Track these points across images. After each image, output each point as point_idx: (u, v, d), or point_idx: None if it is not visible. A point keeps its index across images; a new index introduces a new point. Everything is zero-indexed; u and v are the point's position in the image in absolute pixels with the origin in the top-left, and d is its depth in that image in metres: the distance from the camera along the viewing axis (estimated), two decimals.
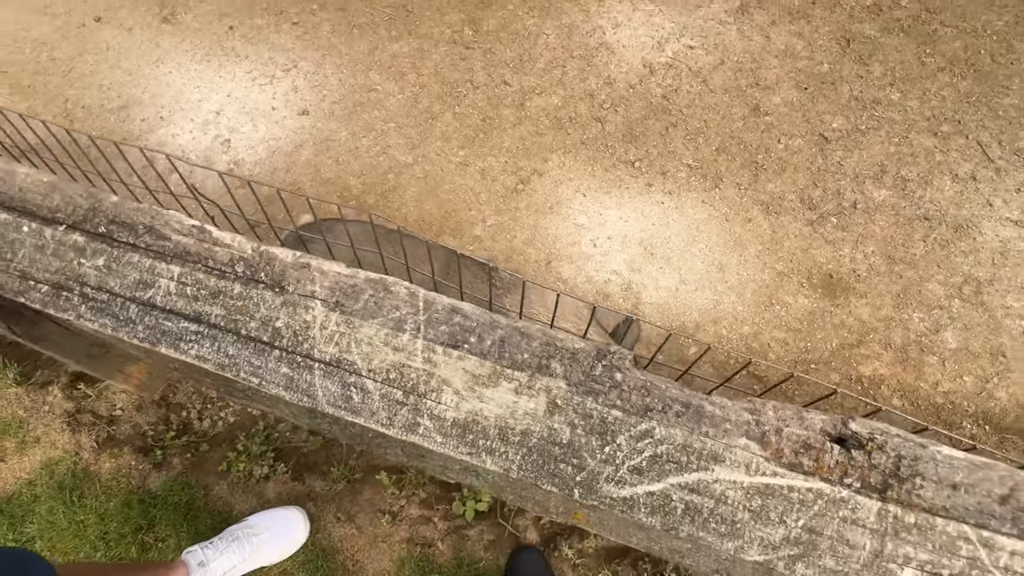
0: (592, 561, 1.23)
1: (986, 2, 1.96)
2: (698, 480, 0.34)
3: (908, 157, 1.72)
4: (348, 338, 0.37)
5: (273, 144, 1.88)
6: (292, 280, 0.39)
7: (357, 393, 0.37)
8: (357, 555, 1.21)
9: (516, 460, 0.35)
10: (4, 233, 0.44)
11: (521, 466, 0.35)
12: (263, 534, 1.16)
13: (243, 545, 1.13)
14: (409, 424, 0.37)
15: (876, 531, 0.32)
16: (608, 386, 0.35)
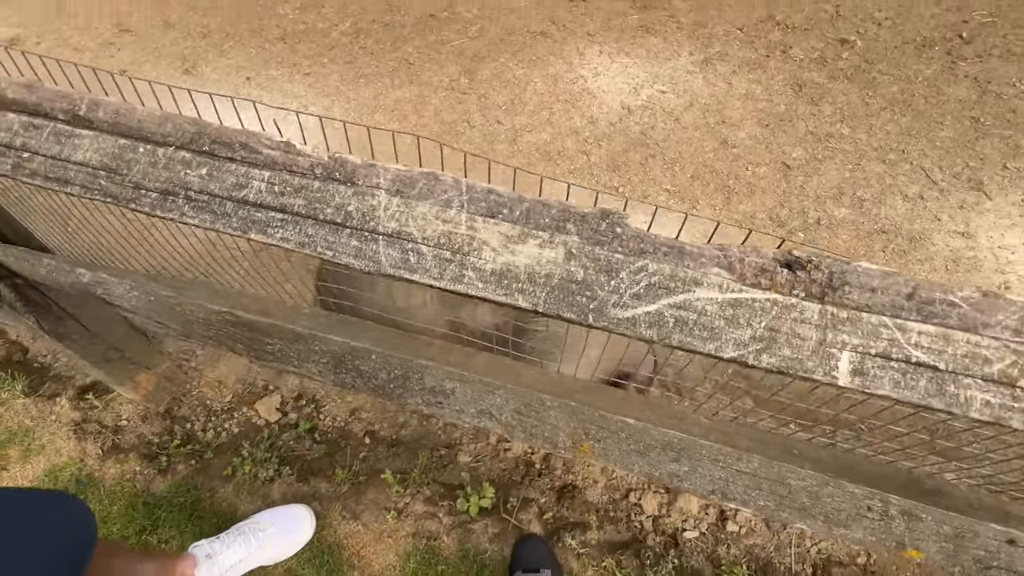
0: (595, 551, 1.25)
1: (916, 54, 2.25)
2: (683, 299, 0.44)
3: (862, 181, 1.91)
4: (406, 215, 0.47)
5: None
6: (361, 176, 0.49)
7: (413, 256, 0.47)
8: (363, 550, 1.21)
9: (542, 296, 0.44)
10: (122, 155, 0.54)
11: (547, 300, 0.44)
12: (269, 530, 1.17)
13: (249, 540, 1.13)
14: (456, 276, 0.46)
15: (819, 326, 0.41)
16: (611, 237, 0.45)
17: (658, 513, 1.35)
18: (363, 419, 1.54)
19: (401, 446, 1.47)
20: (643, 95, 2.17)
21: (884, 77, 2.19)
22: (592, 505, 1.36)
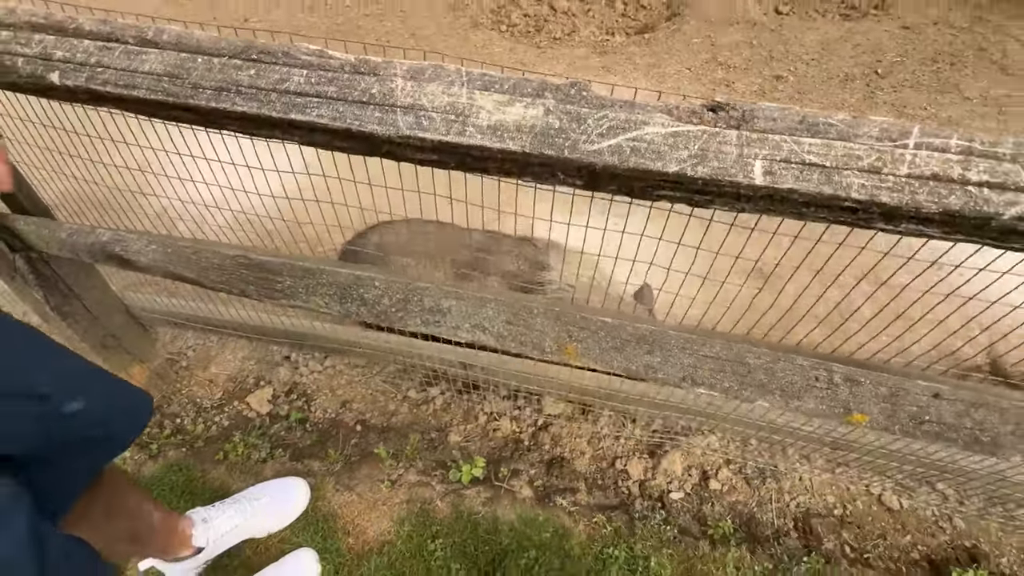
0: (586, 509, 1.28)
1: (840, 86, 2.59)
2: (636, 134, 0.56)
3: None
4: (419, 92, 0.60)
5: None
6: (381, 69, 0.62)
7: (425, 119, 0.59)
8: (357, 519, 1.22)
9: (528, 140, 0.56)
10: (183, 64, 0.66)
11: (531, 143, 0.56)
12: (263, 499, 1.18)
13: (244, 508, 1.14)
14: (459, 132, 0.58)
15: (737, 144, 0.54)
16: (579, 99, 0.58)
17: (644, 477, 1.40)
18: (354, 410, 1.57)
19: (392, 431, 1.51)
20: None
21: (814, 104, 2.50)
22: (580, 474, 1.40)
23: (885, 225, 0.54)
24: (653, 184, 0.56)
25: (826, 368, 0.78)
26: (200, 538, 1.06)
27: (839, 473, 1.43)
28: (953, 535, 1.35)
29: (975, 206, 0.48)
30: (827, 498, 1.39)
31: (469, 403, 1.56)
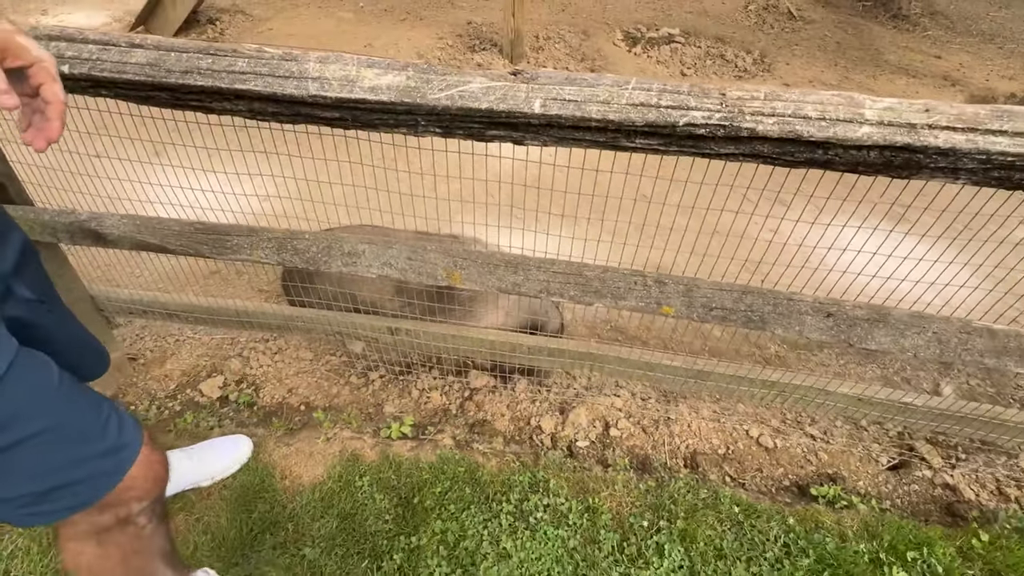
0: (499, 452, 1.46)
1: None
2: (464, 89, 0.85)
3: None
4: (323, 70, 0.89)
5: None
6: (300, 57, 0.92)
7: (327, 85, 0.87)
8: (294, 467, 1.36)
9: (393, 95, 0.85)
10: (160, 57, 0.93)
11: (396, 95, 0.85)
12: (209, 450, 1.32)
13: (191, 454, 1.28)
14: (349, 91, 0.86)
15: (525, 91, 0.84)
16: (429, 70, 0.88)
17: (555, 431, 1.60)
18: (299, 394, 1.74)
19: (333, 408, 1.67)
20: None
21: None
22: (500, 431, 1.59)
23: (627, 141, 0.84)
24: (477, 120, 0.85)
25: (641, 276, 1.05)
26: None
27: (723, 421, 1.66)
28: (819, 466, 1.58)
29: (663, 119, 0.78)
30: (712, 440, 1.61)
31: (404, 383, 1.75)
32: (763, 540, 1.24)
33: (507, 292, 1.09)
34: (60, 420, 0.69)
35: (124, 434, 0.76)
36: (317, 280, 1.52)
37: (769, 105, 0.78)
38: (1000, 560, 1.21)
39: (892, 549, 1.22)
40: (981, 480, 1.53)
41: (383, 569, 1.15)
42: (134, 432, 0.78)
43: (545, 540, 1.21)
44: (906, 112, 0.76)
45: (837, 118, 0.76)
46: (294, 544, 1.20)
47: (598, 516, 1.26)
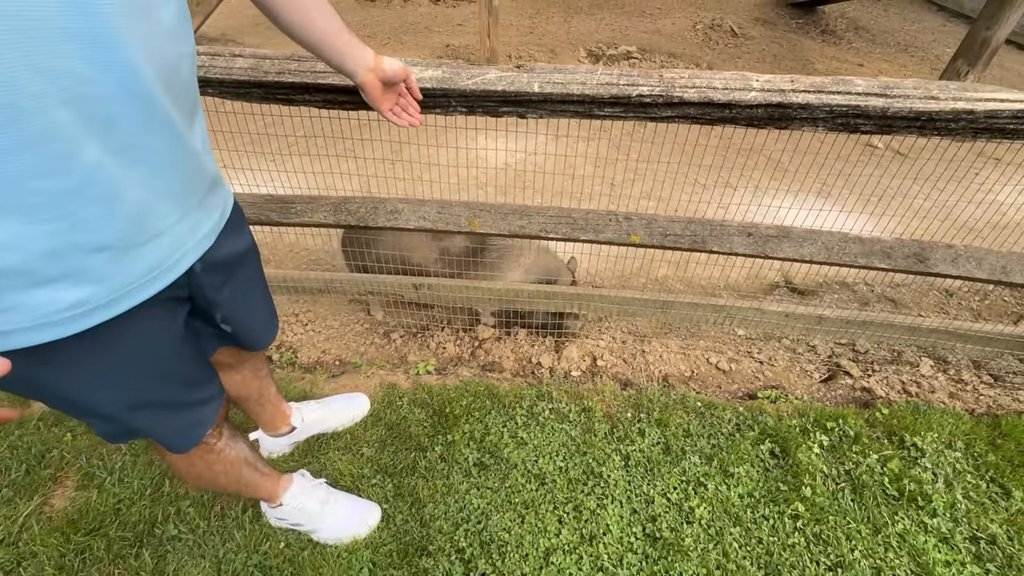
0: (510, 380, 1.79)
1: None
2: (483, 78, 1.22)
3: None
4: None
5: None
6: None
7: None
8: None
9: (435, 83, 1.21)
10: (259, 64, 1.27)
11: (437, 82, 1.21)
12: (339, 402, 1.56)
13: (325, 405, 1.52)
14: None
15: (527, 79, 1.21)
16: (459, 67, 1.25)
17: (552, 365, 1.94)
18: (332, 354, 2.03)
19: (365, 361, 1.97)
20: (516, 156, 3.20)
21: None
22: (507, 368, 1.92)
23: (599, 111, 1.21)
24: (493, 100, 1.21)
25: (615, 214, 1.42)
26: (295, 419, 1.45)
27: (688, 353, 2.03)
28: (765, 381, 1.96)
29: (622, 92, 1.16)
30: (680, 366, 1.97)
31: (422, 339, 2.07)
32: (720, 423, 1.60)
33: (515, 234, 1.45)
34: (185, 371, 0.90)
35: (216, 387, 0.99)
36: (374, 247, 1.84)
37: (692, 81, 1.16)
38: (896, 424, 1.60)
39: (816, 422, 1.60)
40: (891, 383, 1.94)
41: (428, 458, 1.46)
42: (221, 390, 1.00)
43: (552, 431, 1.54)
44: (779, 83, 1.15)
45: (735, 87, 1.15)
46: (354, 446, 1.50)
47: (592, 414, 1.60)
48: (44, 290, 0.61)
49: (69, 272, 0.62)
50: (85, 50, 0.52)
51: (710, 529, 1.32)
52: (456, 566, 1.23)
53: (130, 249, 0.67)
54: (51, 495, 1.38)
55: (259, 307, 1.06)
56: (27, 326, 0.62)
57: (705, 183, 2.98)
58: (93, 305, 0.66)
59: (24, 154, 0.52)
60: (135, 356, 0.78)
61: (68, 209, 0.58)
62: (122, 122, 0.59)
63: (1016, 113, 1.09)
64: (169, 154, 0.68)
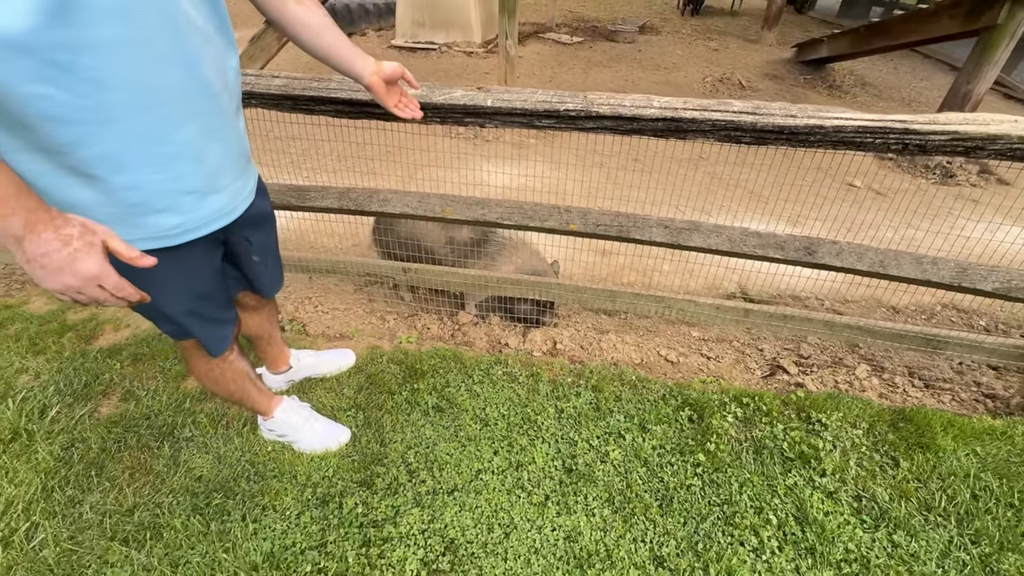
0: (476, 351, 2.09)
1: None
2: (453, 95, 1.62)
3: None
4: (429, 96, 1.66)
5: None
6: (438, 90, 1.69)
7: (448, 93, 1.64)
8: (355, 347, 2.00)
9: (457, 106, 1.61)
10: (343, 84, 1.72)
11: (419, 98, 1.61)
12: (331, 352, 1.92)
13: (319, 353, 1.88)
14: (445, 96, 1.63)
15: (485, 95, 1.59)
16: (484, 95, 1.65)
17: (517, 345, 2.23)
18: (335, 328, 2.39)
19: (360, 332, 2.32)
20: (516, 180, 3.60)
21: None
22: (478, 348, 2.23)
23: (537, 122, 1.57)
24: (459, 112, 1.58)
25: (557, 207, 1.75)
26: (293, 360, 1.81)
27: (641, 345, 2.28)
28: (708, 373, 2.18)
29: (553, 108, 1.52)
30: (631, 355, 2.23)
31: (411, 321, 2.41)
32: (648, 392, 1.85)
33: (476, 220, 1.79)
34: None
35: (231, 330, 1.30)
36: (391, 235, 2.23)
37: (607, 100, 1.52)
38: (808, 405, 1.80)
39: (735, 398, 1.82)
40: (824, 382, 2.13)
41: (395, 400, 1.77)
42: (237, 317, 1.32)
43: (502, 388, 1.82)
44: (673, 103, 1.49)
45: (639, 105, 1.49)
46: (337, 388, 1.82)
47: (539, 379, 1.88)
48: (156, 216, 0.95)
49: (170, 206, 0.95)
50: (184, 69, 0.89)
51: (620, 468, 1.56)
52: (403, 474, 1.51)
53: (207, 195, 1.00)
54: (100, 404, 1.75)
55: (271, 262, 1.35)
56: (147, 237, 0.97)
57: (684, 210, 3.28)
58: (183, 229, 0.99)
59: (151, 131, 0.88)
60: (192, 274, 1.09)
61: (172, 165, 0.93)
62: (203, 113, 0.95)
63: (858, 128, 1.39)
64: (226, 133, 1.04)
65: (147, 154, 0.89)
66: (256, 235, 1.25)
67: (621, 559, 1.32)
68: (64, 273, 0.78)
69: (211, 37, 0.93)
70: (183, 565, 1.27)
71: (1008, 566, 1.34)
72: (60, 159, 0.82)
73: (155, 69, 0.83)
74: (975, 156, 1.39)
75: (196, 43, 0.89)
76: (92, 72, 0.76)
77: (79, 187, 0.86)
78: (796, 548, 1.37)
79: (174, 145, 0.91)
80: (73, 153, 0.82)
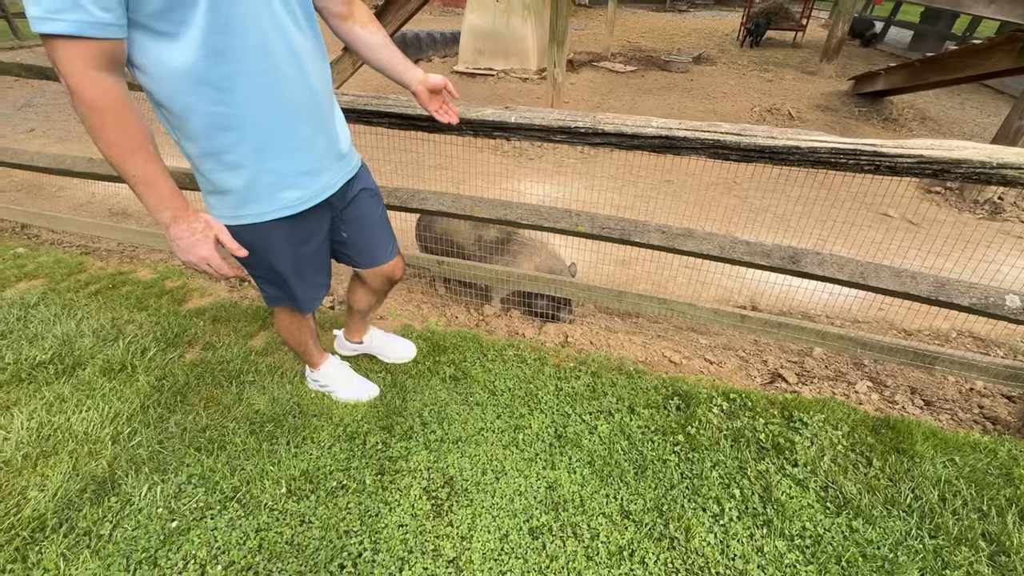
0: (496, 338, 2.36)
1: None
2: (483, 112, 1.93)
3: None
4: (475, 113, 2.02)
5: None
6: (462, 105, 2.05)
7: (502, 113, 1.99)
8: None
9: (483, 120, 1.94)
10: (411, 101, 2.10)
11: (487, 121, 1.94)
12: (398, 341, 2.26)
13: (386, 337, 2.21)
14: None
15: (510, 113, 1.90)
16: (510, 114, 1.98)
17: (533, 336, 2.47)
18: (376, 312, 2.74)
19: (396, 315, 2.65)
20: (550, 196, 3.88)
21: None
22: (497, 335, 2.49)
23: (552, 137, 1.85)
24: (488, 126, 1.89)
25: (568, 211, 2.01)
26: (367, 338, 2.12)
27: (647, 346, 2.47)
28: (708, 374, 2.33)
29: (566, 125, 1.79)
30: (637, 354, 2.42)
31: (442, 309, 2.72)
32: (643, 381, 2.04)
33: (500, 219, 2.08)
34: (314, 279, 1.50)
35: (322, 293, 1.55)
36: (430, 231, 2.59)
37: (612, 120, 1.78)
38: (793, 405, 1.93)
39: (723, 394, 1.98)
40: (822, 393, 2.23)
41: (418, 368, 2.06)
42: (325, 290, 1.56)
43: (511, 367, 2.08)
44: (669, 123, 1.73)
45: (639, 125, 1.74)
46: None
47: (545, 362, 2.12)
48: (284, 192, 1.25)
49: (292, 184, 1.25)
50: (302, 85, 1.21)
51: (605, 439, 1.77)
52: (417, 424, 1.79)
53: (316, 175, 1.30)
54: (185, 351, 2.16)
55: (367, 235, 1.57)
56: (279, 207, 1.26)
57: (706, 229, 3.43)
58: (302, 200, 1.29)
59: (281, 131, 1.21)
60: (304, 238, 1.36)
61: (295, 155, 1.22)
62: (313, 114, 1.24)
63: (831, 150, 1.57)
64: (328, 127, 1.30)
65: (279, 148, 1.21)
66: (349, 211, 1.48)
67: (592, 508, 1.53)
68: (188, 253, 1.14)
69: (315, 57, 1.23)
70: (239, 470, 1.60)
71: (960, 558, 1.43)
72: (221, 157, 1.15)
73: (284, 87, 1.16)
74: (944, 178, 1.54)
75: (307, 64, 1.20)
76: (246, 92, 1.10)
77: (233, 176, 1.19)
78: (755, 519, 1.52)
79: (295, 140, 1.23)
80: (231, 151, 1.15)
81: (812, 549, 1.45)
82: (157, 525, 1.43)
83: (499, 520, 1.48)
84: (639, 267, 3.02)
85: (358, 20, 1.38)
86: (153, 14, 0.96)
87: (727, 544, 1.45)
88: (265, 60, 1.09)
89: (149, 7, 0.95)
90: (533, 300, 2.57)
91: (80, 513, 1.46)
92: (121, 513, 1.47)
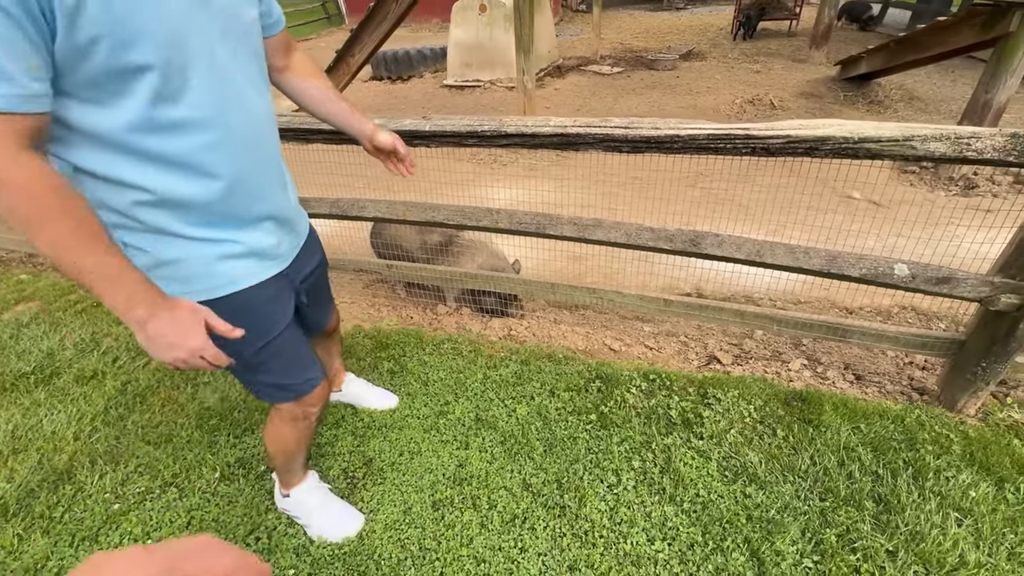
0: (458, 336, 2.49)
1: None
2: (456, 122, 2.09)
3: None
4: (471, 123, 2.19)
5: None
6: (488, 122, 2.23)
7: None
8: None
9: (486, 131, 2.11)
10: (421, 124, 2.29)
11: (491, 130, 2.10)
12: (379, 391, 2.40)
13: (368, 386, 2.34)
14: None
15: (500, 122, 2.05)
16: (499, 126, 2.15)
17: (479, 330, 2.60)
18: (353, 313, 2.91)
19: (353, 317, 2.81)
20: (518, 197, 4.01)
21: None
22: (447, 332, 2.62)
23: (502, 141, 1.98)
24: (464, 136, 2.04)
25: (490, 210, 2.14)
26: (344, 386, 2.27)
27: (589, 336, 2.56)
28: (648, 361, 2.41)
29: (528, 131, 1.93)
30: (578, 343, 2.51)
31: (399, 311, 2.87)
32: (569, 367, 2.14)
33: (428, 221, 2.22)
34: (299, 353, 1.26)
35: (317, 370, 1.30)
36: (380, 238, 2.77)
37: (515, 122, 1.90)
38: (710, 383, 2.00)
39: (643, 375, 2.06)
40: (753, 371, 2.28)
41: (360, 363, 2.21)
42: (320, 371, 1.31)
43: (445, 358, 2.21)
44: (565, 121, 1.85)
45: (538, 125, 1.86)
46: None
47: (479, 353, 2.24)
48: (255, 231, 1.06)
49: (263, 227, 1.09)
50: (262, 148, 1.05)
51: (521, 421, 1.87)
52: (348, 414, 1.94)
53: (283, 224, 1.15)
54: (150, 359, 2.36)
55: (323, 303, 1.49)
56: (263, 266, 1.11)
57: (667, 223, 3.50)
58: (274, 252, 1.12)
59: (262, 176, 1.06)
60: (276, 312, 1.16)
61: (270, 200, 1.09)
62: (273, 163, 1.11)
63: (708, 135, 1.67)
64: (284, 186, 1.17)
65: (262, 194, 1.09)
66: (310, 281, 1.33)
67: (495, 483, 1.63)
68: (176, 348, 0.89)
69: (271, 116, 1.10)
70: (182, 459, 1.77)
71: (842, 517, 1.48)
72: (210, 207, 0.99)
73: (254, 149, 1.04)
74: (815, 156, 1.62)
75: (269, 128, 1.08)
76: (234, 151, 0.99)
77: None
78: (650, 488, 1.61)
79: (278, 191, 1.14)
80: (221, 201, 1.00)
81: (698, 513, 1.52)
82: (102, 508, 1.61)
83: (406, 495, 1.61)
84: (591, 262, 3.12)
85: (297, 73, 1.25)
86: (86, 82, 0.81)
87: (616, 511, 1.54)
88: (246, 118, 1.00)
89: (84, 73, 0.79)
90: (480, 297, 2.70)
91: (38, 500, 1.64)
92: (73, 499, 1.65)
